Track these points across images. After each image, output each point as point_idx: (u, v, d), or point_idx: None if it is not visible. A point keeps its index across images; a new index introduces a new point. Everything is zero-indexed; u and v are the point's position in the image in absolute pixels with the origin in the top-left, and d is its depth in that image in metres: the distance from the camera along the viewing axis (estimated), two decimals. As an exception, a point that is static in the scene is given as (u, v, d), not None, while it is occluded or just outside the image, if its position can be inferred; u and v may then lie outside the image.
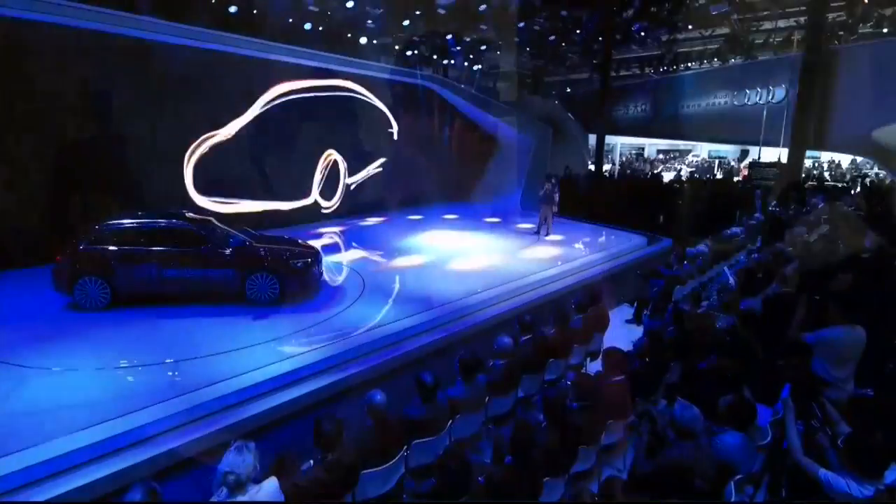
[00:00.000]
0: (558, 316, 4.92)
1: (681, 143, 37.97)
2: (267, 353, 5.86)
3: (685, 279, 7.37)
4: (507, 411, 4.26)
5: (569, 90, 32.02)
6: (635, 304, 7.72)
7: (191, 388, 5.02)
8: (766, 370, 4.06)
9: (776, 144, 15.43)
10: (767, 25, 18.75)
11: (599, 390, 3.61)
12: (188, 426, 4.62)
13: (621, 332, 6.72)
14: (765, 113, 14.43)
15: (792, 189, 12.92)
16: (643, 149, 43.07)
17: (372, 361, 6.00)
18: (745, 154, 35.43)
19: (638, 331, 7.19)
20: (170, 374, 5.40)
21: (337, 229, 13.38)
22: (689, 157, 41.09)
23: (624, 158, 37.33)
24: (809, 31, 13.38)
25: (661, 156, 42.77)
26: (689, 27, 15.73)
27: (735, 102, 16.19)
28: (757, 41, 18.84)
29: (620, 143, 36.78)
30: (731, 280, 7.33)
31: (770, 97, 14.87)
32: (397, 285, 8.63)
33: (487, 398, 4.02)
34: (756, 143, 15.36)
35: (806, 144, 13.43)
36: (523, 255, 10.95)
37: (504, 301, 8.18)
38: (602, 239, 12.81)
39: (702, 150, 38.99)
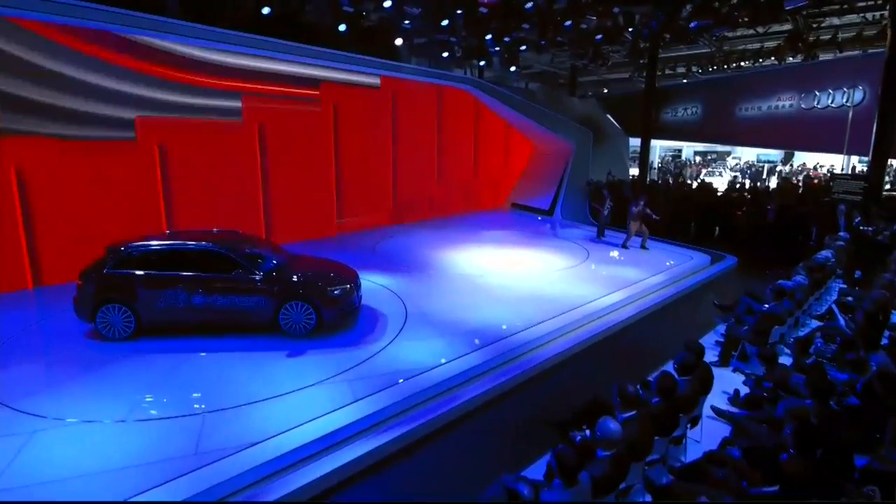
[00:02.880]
0: (663, 384, 3.98)
1: (718, 146, 36.08)
2: (304, 404, 5.09)
3: (784, 317, 6.29)
4: (610, 512, 3.38)
5: (605, 90, 30.67)
6: (721, 346, 6.69)
7: (219, 453, 4.29)
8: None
9: (838, 151, 14.02)
10: (832, 21, 17.21)
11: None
12: (216, 508, 3.88)
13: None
14: (850, 116, 13.03)
15: (874, 203, 11.53)
16: (680, 151, 41.17)
17: (423, 416, 5.17)
18: (789, 157, 33.39)
19: (728, 377, 6.15)
20: (197, 430, 4.67)
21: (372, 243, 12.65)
22: (730, 160, 39.06)
23: (660, 162, 35.65)
24: (894, 26, 11.93)
25: (698, 158, 40.80)
26: (753, 24, 14.33)
27: (802, 105, 14.76)
28: (823, 37, 17.31)
29: (659, 146, 35.19)
30: (842, 321, 6.23)
31: (846, 100, 13.45)
32: (442, 313, 7.78)
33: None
34: (827, 150, 13.96)
35: (889, 152, 12.02)
36: (576, 275, 9.96)
37: (566, 334, 7.25)
38: (662, 258, 11.60)
39: (743, 153, 36.95)
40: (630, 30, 13.92)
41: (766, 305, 6.75)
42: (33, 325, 7.12)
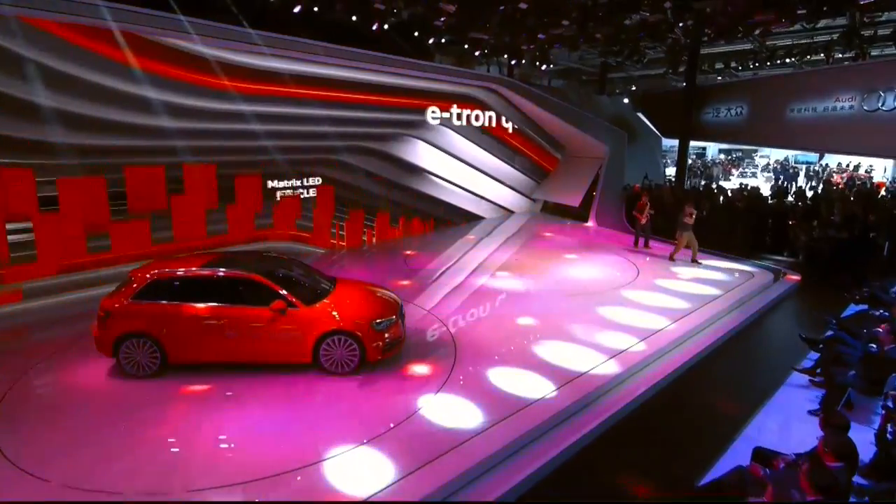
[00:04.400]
0: (825, 481, 3.17)
1: (744, 144, 34.56)
2: (355, 474, 4.38)
3: (903, 363, 5.43)
4: None
5: (633, 87, 29.50)
6: (823, 394, 5.87)
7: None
8: None
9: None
10: (889, 16, 15.99)
11: None
12: None
13: (809, 431, 4.92)
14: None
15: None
16: (705, 149, 39.66)
17: (492, 490, 4.43)
18: (820, 157, 31.80)
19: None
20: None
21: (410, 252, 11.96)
22: (758, 160, 37.46)
23: (690, 161, 34.27)
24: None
25: (722, 156, 39.29)
26: (813, 18, 13.25)
27: (865, 107, 13.68)
28: (882, 32, 16.13)
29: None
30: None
31: (916, 100, 12.38)
32: (495, 345, 7.02)
33: None
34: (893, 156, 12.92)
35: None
36: (632, 296, 9.10)
37: (634, 375, 6.46)
38: (722, 275, 10.62)
39: (771, 153, 35.30)
40: (681, 25, 12.94)
41: (873, 346, 5.91)
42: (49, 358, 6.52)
